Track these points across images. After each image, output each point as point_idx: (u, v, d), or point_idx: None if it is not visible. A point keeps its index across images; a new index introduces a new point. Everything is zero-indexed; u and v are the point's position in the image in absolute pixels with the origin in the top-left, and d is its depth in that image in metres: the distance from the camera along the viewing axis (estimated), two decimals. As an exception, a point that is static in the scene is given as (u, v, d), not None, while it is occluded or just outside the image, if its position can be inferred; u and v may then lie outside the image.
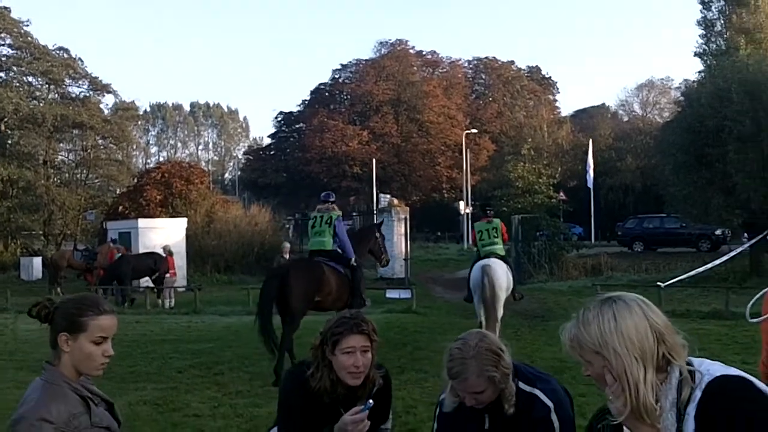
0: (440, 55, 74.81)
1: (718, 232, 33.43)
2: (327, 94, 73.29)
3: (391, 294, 19.82)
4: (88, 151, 44.76)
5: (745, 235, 26.65)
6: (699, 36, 46.73)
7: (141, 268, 22.81)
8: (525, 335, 14.83)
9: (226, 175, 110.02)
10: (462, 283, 26.84)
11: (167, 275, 22.66)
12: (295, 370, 3.62)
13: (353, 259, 11.70)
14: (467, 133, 57.23)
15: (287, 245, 22.18)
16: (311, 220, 11.95)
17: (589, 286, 24.17)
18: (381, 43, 72.90)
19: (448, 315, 18.86)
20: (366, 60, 72.13)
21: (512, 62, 77.63)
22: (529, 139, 46.47)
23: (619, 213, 53.04)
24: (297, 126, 75.31)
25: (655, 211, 38.93)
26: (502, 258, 13.09)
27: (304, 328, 11.87)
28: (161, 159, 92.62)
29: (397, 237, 28.83)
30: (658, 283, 18.77)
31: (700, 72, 44.87)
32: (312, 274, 11.16)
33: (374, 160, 57.95)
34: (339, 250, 11.67)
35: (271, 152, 76.57)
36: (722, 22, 45.16)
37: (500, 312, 12.62)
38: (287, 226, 43.55)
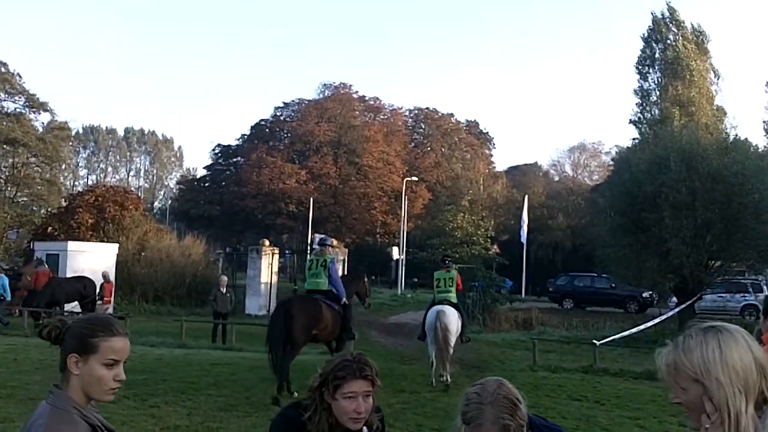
0: (382, 102, 75.62)
1: (645, 294, 34.26)
2: (267, 130, 73.06)
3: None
4: (19, 168, 43.34)
5: (674, 298, 27.33)
6: (635, 104, 48.50)
7: (71, 292, 22.01)
8: (464, 385, 14.69)
9: (156, 203, 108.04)
10: (396, 329, 26.91)
11: (99, 302, 21.88)
12: (289, 412, 3.42)
13: (344, 300, 13.49)
14: (407, 181, 57.62)
15: (225, 278, 21.78)
16: (308, 262, 13.90)
17: (523, 339, 24.41)
18: (325, 85, 73.41)
19: (386, 360, 18.68)
20: (309, 100, 72.38)
21: (452, 115, 78.99)
22: (470, 191, 47.03)
23: (547, 269, 54.00)
24: (234, 160, 74.69)
25: (582, 269, 39.77)
26: (454, 305, 15.01)
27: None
28: (90, 182, 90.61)
29: (334, 278, 28.67)
30: (594, 341, 19.01)
31: (634, 139, 46.49)
32: (313, 310, 12.86)
33: (311, 200, 57.75)
34: (334, 291, 13.35)
35: (206, 184, 75.62)
36: (658, 92, 46.96)
37: (450, 352, 14.56)
38: (217, 259, 42.87)
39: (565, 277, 39.65)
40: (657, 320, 22.72)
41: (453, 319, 14.57)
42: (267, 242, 32.67)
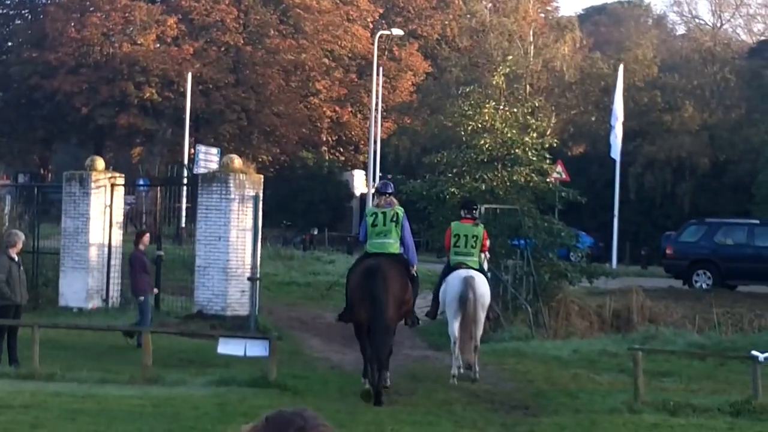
0: None
1: None
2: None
3: (228, 348, 19.69)
4: None
5: None
6: None
7: None
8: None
9: None
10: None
11: None
12: None
13: (414, 268, 19.21)
14: (382, 36, 57.37)
15: (20, 235, 21.78)
16: (371, 217, 19.04)
17: (611, 351, 24.73)
18: None
19: (339, 393, 18.89)
20: None
21: None
22: (509, 57, 46.77)
23: (662, 211, 54.35)
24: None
25: (731, 211, 39.92)
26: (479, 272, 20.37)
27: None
28: None
29: (238, 234, 28.63)
30: (754, 353, 19.25)
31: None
32: (403, 280, 18.66)
33: (189, 77, 57.35)
34: (404, 255, 18.95)
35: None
36: None
37: (480, 331, 20.19)
38: (1, 194, 42.90)
39: (695, 228, 39.91)
40: None
41: (485, 289, 20.12)
42: (100, 163, 32.52)
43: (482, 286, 19.96)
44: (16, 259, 21.06)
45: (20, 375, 19.29)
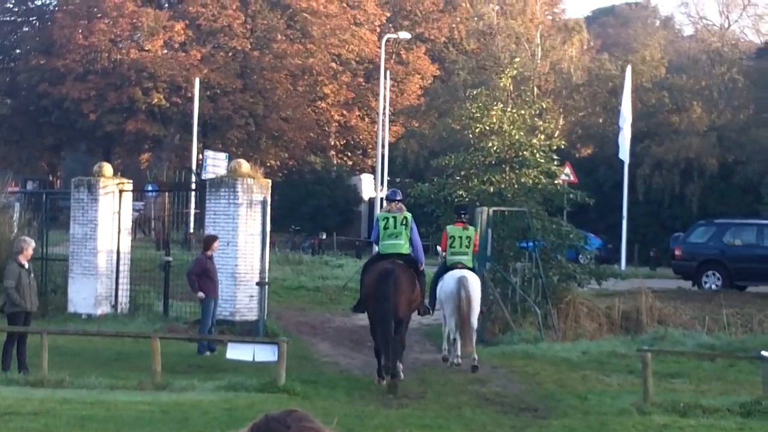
0: None
1: None
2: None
3: (237, 353, 19.70)
4: None
5: None
6: None
7: None
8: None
9: None
10: (364, 335, 27.33)
11: None
12: None
13: (422, 265, 21.81)
14: (389, 39, 57.36)
15: (29, 242, 21.79)
16: (382, 220, 21.72)
17: (621, 352, 24.78)
18: None
19: (348, 397, 18.90)
20: None
21: None
22: (517, 59, 46.82)
23: (671, 212, 54.33)
24: (37, 2, 74.09)
25: (741, 211, 39.58)
26: (471, 271, 23.27)
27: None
28: None
29: (246, 239, 28.62)
30: (763, 353, 19.23)
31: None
32: (412, 281, 21.04)
33: (196, 82, 57.36)
34: (412, 255, 21.50)
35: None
36: None
37: (475, 326, 22.96)
38: (9, 205, 42.78)
39: (705, 229, 39.91)
40: None
41: (477, 287, 23.02)
42: (108, 169, 32.53)
43: (474, 284, 22.93)
44: (26, 265, 21.15)
45: (29, 382, 19.32)
